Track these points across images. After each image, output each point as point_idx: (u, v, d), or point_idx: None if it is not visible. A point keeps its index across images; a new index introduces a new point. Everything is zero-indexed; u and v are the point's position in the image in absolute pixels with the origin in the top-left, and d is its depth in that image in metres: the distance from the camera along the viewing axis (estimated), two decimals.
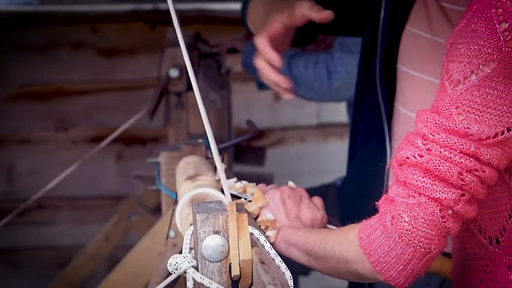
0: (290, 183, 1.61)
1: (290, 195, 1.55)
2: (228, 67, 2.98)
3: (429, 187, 1.23)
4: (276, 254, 1.20)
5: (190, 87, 2.27)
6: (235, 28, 3.42)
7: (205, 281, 1.16)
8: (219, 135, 2.48)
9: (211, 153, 1.33)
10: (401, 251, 1.25)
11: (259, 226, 1.50)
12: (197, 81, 1.34)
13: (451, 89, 1.22)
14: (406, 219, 1.24)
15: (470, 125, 1.21)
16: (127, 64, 3.78)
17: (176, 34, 1.29)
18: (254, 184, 1.58)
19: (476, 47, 1.19)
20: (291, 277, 1.16)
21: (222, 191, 1.42)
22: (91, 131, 3.82)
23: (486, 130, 1.20)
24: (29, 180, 3.80)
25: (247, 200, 1.54)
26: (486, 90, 1.20)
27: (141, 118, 3.12)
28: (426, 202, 1.23)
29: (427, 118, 1.25)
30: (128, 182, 3.61)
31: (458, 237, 1.45)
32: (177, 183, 1.59)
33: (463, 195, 1.23)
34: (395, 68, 1.73)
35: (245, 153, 2.88)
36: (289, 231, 1.48)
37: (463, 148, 1.21)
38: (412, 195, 1.24)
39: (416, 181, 1.24)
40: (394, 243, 1.25)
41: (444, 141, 1.22)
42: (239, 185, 1.56)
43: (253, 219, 1.52)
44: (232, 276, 1.17)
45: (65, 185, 3.16)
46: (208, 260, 1.16)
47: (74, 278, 3.33)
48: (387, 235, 1.25)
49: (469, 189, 1.23)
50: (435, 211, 1.23)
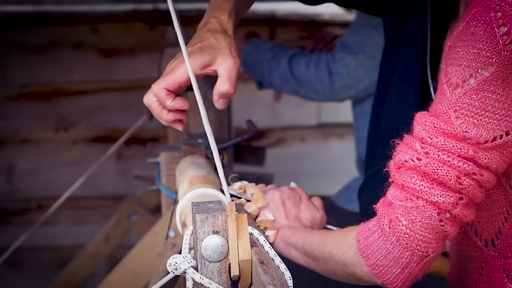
0: (292, 184, 1.61)
1: (290, 195, 1.55)
2: None
3: (427, 191, 1.23)
4: (276, 254, 1.20)
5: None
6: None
7: (205, 281, 1.16)
8: (219, 135, 2.48)
9: (211, 153, 1.33)
10: (398, 255, 1.25)
11: (259, 226, 1.50)
12: (197, 81, 1.34)
13: (449, 92, 1.22)
14: (404, 223, 1.24)
15: (468, 129, 1.20)
16: (127, 64, 3.78)
17: (176, 34, 1.29)
18: (254, 184, 1.58)
19: (475, 51, 1.19)
20: (291, 277, 1.16)
21: (222, 191, 1.42)
22: (91, 131, 3.82)
23: (484, 134, 1.20)
24: (29, 180, 3.80)
25: (247, 200, 1.54)
26: (485, 94, 1.19)
27: (143, 120, 3.13)
28: (424, 206, 1.23)
29: (425, 121, 1.24)
30: (128, 182, 3.61)
31: (455, 239, 1.45)
32: (177, 183, 1.59)
33: (461, 198, 1.23)
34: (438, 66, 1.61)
35: (245, 153, 2.87)
36: (289, 232, 1.48)
37: (462, 151, 1.21)
38: (410, 199, 1.24)
39: (414, 184, 1.24)
40: (391, 246, 1.25)
41: (442, 145, 1.22)
42: (239, 185, 1.57)
43: (253, 219, 1.52)
44: (231, 276, 1.17)
45: (65, 185, 3.16)
46: (208, 260, 1.16)
47: (74, 278, 3.34)
48: (384, 238, 1.25)
49: (467, 193, 1.23)
50: (433, 214, 1.23)
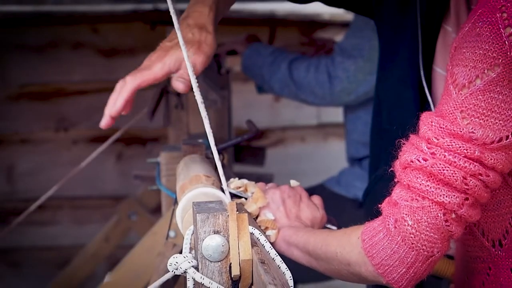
0: (293, 182, 1.61)
1: (290, 194, 1.55)
2: (228, 67, 2.98)
3: (433, 191, 1.23)
4: (276, 254, 1.19)
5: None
6: (235, 28, 3.43)
7: (205, 281, 1.15)
8: (219, 135, 2.48)
9: (211, 153, 1.33)
10: (404, 254, 1.25)
11: (259, 226, 1.50)
12: (197, 81, 1.34)
13: (455, 93, 1.22)
14: (410, 223, 1.24)
15: (474, 130, 1.20)
16: (127, 64, 3.76)
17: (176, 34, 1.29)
18: (254, 183, 1.58)
19: (481, 52, 1.19)
20: (291, 277, 1.15)
21: (223, 190, 1.42)
22: (91, 131, 3.82)
23: (490, 134, 1.20)
24: (29, 180, 3.80)
25: (247, 199, 1.54)
26: (491, 94, 1.19)
27: (141, 118, 3.12)
28: (429, 206, 1.23)
29: (431, 122, 1.24)
30: (128, 182, 3.61)
31: (461, 240, 1.45)
32: (177, 182, 1.59)
33: (467, 199, 1.23)
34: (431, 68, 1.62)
35: (245, 153, 2.87)
36: (290, 231, 1.47)
37: (468, 152, 1.21)
38: (416, 199, 1.24)
39: (420, 184, 1.24)
40: (397, 246, 1.25)
41: (448, 145, 1.22)
42: (240, 183, 1.56)
43: (253, 219, 1.52)
44: (232, 276, 1.16)
45: (65, 185, 3.16)
46: (208, 260, 1.16)
47: (74, 278, 3.33)
48: (390, 238, 1.25)
49: (473, 193, 1.23)
50: (439, 215, 1.23)
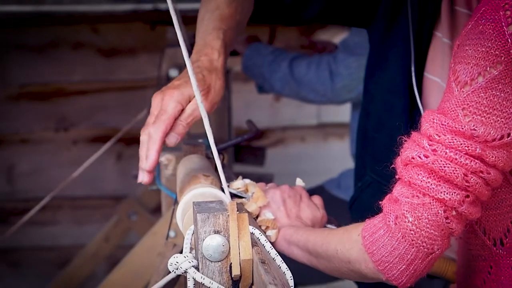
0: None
1: (290, 194, 1.55)
2: (228, 67, 2.98)
3: (433, 188, 1.23)
4: (277, 254, 1.20)
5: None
6: None
7: (206, 281, 1.16)
8: (219, 135, 2.48)
9: (211, 153, 1.33)
10: (404, 251, 1.25)
11: (260, 226, 1.50)
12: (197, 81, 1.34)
13: (457, 90, 1.22)
14: (410, 219, 1.24)
15: (476, 127, 1.20)
16: (127, 64, 3.78)
17: (176, 34, 1.29)
18: (254, 183, 1.58)
19: (483, 49, 1.19)
20: (292, 277, 1.16)
21: (223, 190, 1.42)
22: (91, 131, 3.82)
23: (492, 132, 1.20)
24: (29, 180, 3.80)
25: (248, 199, 1.54)
26: (493, 92, 1.19)
27: (141, 118, 3.12)
28: (430, 203, 1.23)
29: (433, 119, 1.24)
30: (128, 182, 3.61)
31: (463, 239, 1.45)
32: (178, 182, 1.59)
33: (467, 196, 1.23)
34: (422, 75, 1.62)
35: (245, 153, 2.87)
36: (290, 231, 1.48)
37: (469, 149, 1.21)
38: (417, 196, 1.24)
39: (421, 181, 1.24)
40: (397, 242, 1.25)
41: (450, 142, 1.22)
42: (241, 183, 1.56)
43: (254, 218, 1.52)
44: (232, 276, 1.17)
45: (65, 185, 3.16)
46: (209, 260, 1.16)
47: (74, 278, 3.33)
48: (390, 235, 1.25)
49: (473, 191, 1.23)
50: (439, 211, 1.23)
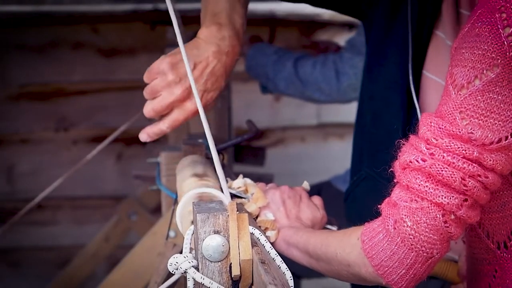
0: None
1: (290, 195, 1.55)
2: None
3: (432, 192, 1.23)
4: (277, 254, 1.20)
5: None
6: None
7: (206, 281, 1.15)
8: (219, 135, 2.48)
9: (211, 153, 1.33)
10: (403, 255, 1.25)
11: (260, 227, 1.50)
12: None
13: (455, 93, 1.22)
14: (409, 224, 1.23)
15: (473, 130, 1.20)
16: (127, 64, 3.78)
17: (176, 34, 1.29)
18: (254, 183, 1.58)
19: (480, 52, 1.19)
20: (292, 277, 1.15)
21: (223, 190, 1.42)
22: (91, 131, 3.82)
23: (489, 135, 1.20)
24: (29, 180, 3.80)
25: (248, 200, 1.54)
26: (490, 95, 1.19)
27: (141, 118, 3.12)
28: (428, 207, 1.23)
29: (430, 123, 1.24)
30: (128, 182, 3.61)
31: (467, 242, 1.45)
32: (178, 182, 1.59)
33: (465, 200, 1.23)
34: (420, 73, 1.63)
35: (245, 153, 2.87)
36: (290, 232, 1.47)
37: (467, 153, 1.21)
38: (415, 200, 1.24)
39: (419, 185, 1.24)
40: (396, 247, 1.25)
41: (447, 146, 1.22)
42: (241, 182, 1.56)
43: (253, 219, 1.52)
44: (232, 276, 1.16)
45: (65, 185, 3.15)
46: (209, 260, 1.16)
47: (74, 278, 3.33)
48: (389, 239, 1.25)
49: (471, 194, 1.23)
50: (438, 216, 1.23)
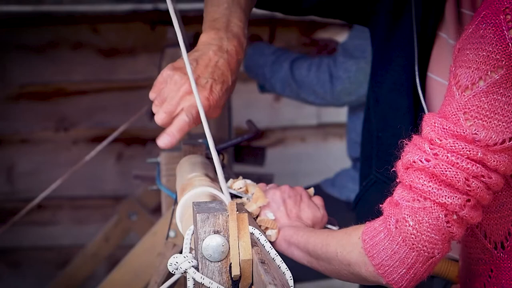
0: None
1: (290, 194, 1.55)
2: None
3: (435, 192, 1.23)
4: (277, 254, 1.19)
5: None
6: None
7: (206, 281, 1.15)
8: (219, 135, 2.48)
9: (211, 153, 1.33)
10: (404, 255, 1.25)
11: (260, 226, 1.50)
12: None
13: (458, 94, 1.22)
14: (411, 223, 1.23)
15: (477, 131, 1.20)
16: (127, 64, 3.78)
17: (176, 34, 1.29)
18: (254, 183, 1.58)
19: (484, 53, 1.19)
20: (292, 277, 1.15)
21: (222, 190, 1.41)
22: (91, 131, 3.82)
23: (493, 136, 1.20)
24: (29, 180, 3.80)
25: (248, 200, 1.54)
26: (494, 96, 1.19)
27: (141, 118, 3.12)
28: (431, 207, 1.23)
29: (434, 123, 1.24)
30: (128, 182, 3.61)
31: (463, 242, 1.45)
32: (178, 182, 1.59)
33: (468, 200, 1.23)
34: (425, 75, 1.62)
35: (245, 153, 2.87)
36: (290, 231, 1.47)
37: (470, 154, 1.21)
38: (418, 199, 1.24)
39: (422, 185, 1.24)
40: (397, 246, 1.25)
41: (451, 147, 1.22)
42: (241, 183, 1.56)
43: (253, 219, 1.52)
44: (232, 276, 1.16)
45: (65, 185, 3.16)
46: (209, 260, 1.16)
47: (74, 278, 3.33)
48: (391, 238, 1.25)
49: (474, 195, 1.23)
50: (440, 215, 1.23)
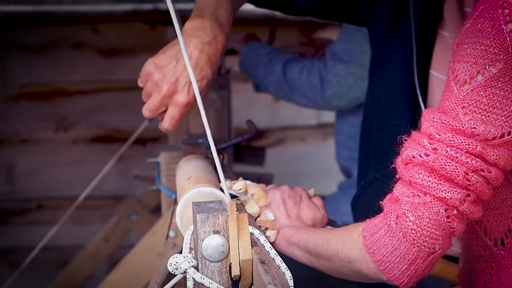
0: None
1: (290, 194, 1.55)
2: (228, 67, 2.97)
3: (434, 187, 1.23)
4: (276, 254, 1.19)
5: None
6: (235, 28, 3.43)
7: (205, 281, 1.15)
8: (219, 135, 2.48)
9: (211, 153, 1.33)
10: (405, 251, 1.25)
11: (260, 227, 1.50)
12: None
13: (457, 89, 1.22)
14: (411, 219, 1.23)
15: (476, 125, 1.20)
16: (127, 64, 3.78)
17: (176, 34, 1.29)
18: (255, 183, 1.58)
19: (482, 48, 1.19)
20: (291, 277, 1.15)
21: (222, 190, 1.42)
22: (91, 131, 3.82)
23: (492, 130, 1.20)
24: (29, 180, 3.80)
25: (248, 200, 1.54)
26: (493, 90, 1.19)
27: (141, 118, 3.12)
28: (431, 202, 1.23)
29: (433, 118, 1.24)
30: (128, 182, 3.61)
31: (464, 239, 1.45)
32: (177, 182, 1.59)
33: (468, 195, 1.23)
34: (427, 73, 1.62)
35: (245, 153, 2.88)
36: (290, 231, 1.47)
37: (470, 148, 1.21)
38: (418, 195, 1.24)
39: (422, 180, 1.24)
40: (398, 242, 1.25)
41: (450, 141, 1.22)
42: (241, 184, 1.56)
43: (253, 219, 1.52)
44: (232, 276, 1.16)
45: (65, 185, 3.16)
46: (208, 260, 1.16)
47: (74, 278, 3.33)
48: (391, 235, 1.25)
49: (474, 189, 1.23)
50: (440, 210, 1.23)
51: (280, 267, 1.17)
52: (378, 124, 1.70)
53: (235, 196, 1.54)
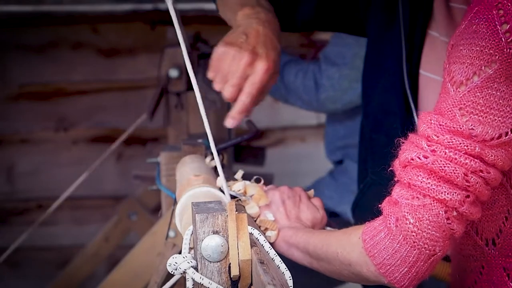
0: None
1: (289, 195, 1.55)
2: None
3: (434, 188, 1.23)
4: (276, 254, 1.19)
5: (190, 87, 2.26)
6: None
7: (205, 281, 1.15)
8: (219, 135, 2.48)
9: (211, 153, 1.33)
10: (405, 253, 1.25)
11: (259, 227, 1.50)
12: (197, 81, 1.34)
13: (453, 90, 1.22)
14: (411, 221, 1.23)
15: (474, 126, 1.20)
16: (127, 64, 3.78)
17: (176, 34, 1.29)
18: (255, 184, 1.58)
19: (477, 49, 1.19)
20: (291, 277, 1.15)
21: (222, 191, 1.42)
22: (91, 131, 3.82)
23: (490, 131, 1.20)
24: (29, 180, 3.80)
25: (248, 201, 1.54)
26: (489, 91, 1.20)
27: (141, 117, 3.12)
28: (431, 204, 1.23)
29: (430, 120, 1.24)
30: (128, 182, 3.61)
31: (455, 239, 1.45)
32: (177, 182, 1.59)
33: (468, 196, 1.23)
34: (417, 73, 1.63)
35: (245, 153, 2.87)
36: (290, 232, 1.47)
37: (468, 149, 1.21)
38: (417, 197, 1.24)
39: (421, 182, 1.24)
40: (398, 245, 1.25)
41: (449, 142, 1.22)
42: (241, 185, 1.56)
43: (253, 219, 1.52)
44: (231, 276, 1.16)
45: (65, 185, 3.16)
46: (208, 260, 1.16)
47: (74, 278, 3.33)
48: (391, 237, 1.25)
49: (474, 190, 1.23)
50: (440, 212, 1.23)
51: (279, 267, 1.17)
52: (373, 126, 1.71)
53: (235, 197, 1.54)
